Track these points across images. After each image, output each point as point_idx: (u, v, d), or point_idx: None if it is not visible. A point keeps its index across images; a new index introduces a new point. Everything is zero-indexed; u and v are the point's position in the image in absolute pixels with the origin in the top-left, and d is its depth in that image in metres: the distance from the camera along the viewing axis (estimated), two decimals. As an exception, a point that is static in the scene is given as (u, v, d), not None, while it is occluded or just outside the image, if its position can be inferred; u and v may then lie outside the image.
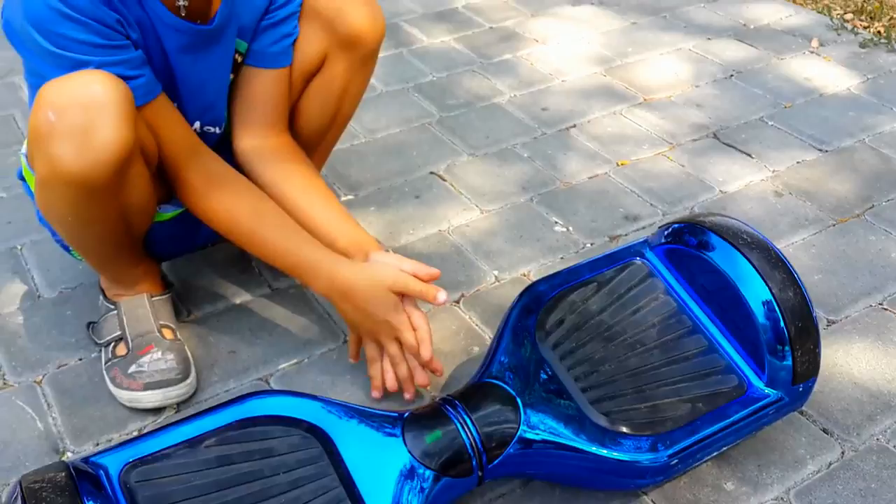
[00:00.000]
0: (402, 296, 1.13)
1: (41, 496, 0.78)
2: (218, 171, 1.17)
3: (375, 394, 1.19)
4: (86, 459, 0.87)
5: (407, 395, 1.17)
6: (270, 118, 1.25)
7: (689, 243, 1.11)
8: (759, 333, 1.03)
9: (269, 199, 1.18)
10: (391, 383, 1.16)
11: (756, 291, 1.03)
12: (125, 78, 1.01)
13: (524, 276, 1.44)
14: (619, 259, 1.14)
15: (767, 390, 1.04)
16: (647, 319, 1.09)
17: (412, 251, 1.48)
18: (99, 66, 0.99)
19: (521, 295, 1.10)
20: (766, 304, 1.03)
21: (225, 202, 1.15)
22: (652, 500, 1.07)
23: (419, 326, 1.13)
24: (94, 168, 0.98)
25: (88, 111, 0.96)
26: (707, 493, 1.08)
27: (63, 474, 0.81)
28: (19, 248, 1.49)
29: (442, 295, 1.10)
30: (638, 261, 1.14)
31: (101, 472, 0.86)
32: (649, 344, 1.06)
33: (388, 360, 1.16)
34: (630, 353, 1.05)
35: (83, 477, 0.82)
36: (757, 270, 1.03)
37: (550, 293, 1.10)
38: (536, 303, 1.09)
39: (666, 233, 1.15)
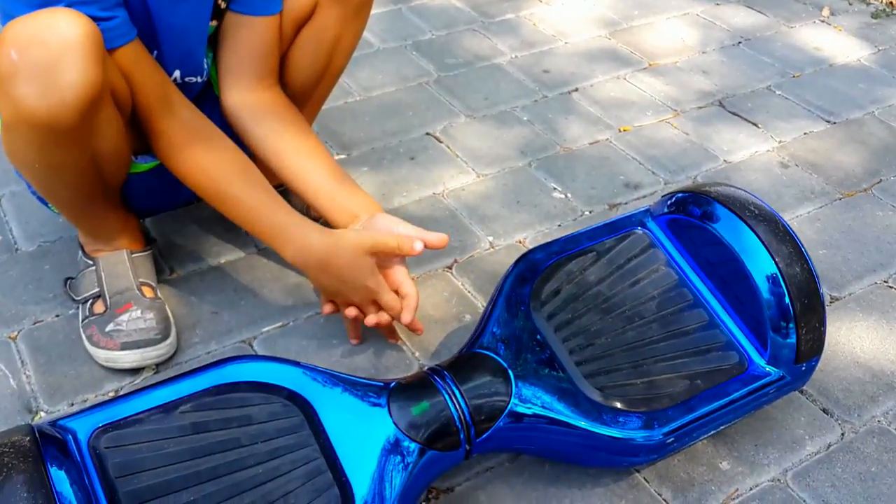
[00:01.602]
0: (385, 258, 1.10)
1: (2, 461, 0.73)
2: (193, 123, 1.11)
3: (353, 341, 1.17)
4: (53, 423, 0.83)
5: (391, 340, 1.15)
6: (260, 69, 1.19)
7: (692, 214, 1.06)
8: (763, 309, 0.99)
9: (246, 157, 1.13)
10: (370, 321, 1.13)
11: (761, 265, 0.98)
12: (96, 19, 0.95)
13: (520, 242, 1.39)
14: (619, 228, 1.10)
15: (769, 368, 1.00)
16: (646, 292, 1.04)
17: (405, 214, 1.43)
18: (69, 4, 0.93)
19: (517, 263, 1.06)
20: (772, 278, 0.98)
21: (198, 157, 1.09)
22: (644, 478, 1.04)
23: (408, 294, 1.10)
24: (59, 110, 0.93)
25: (52, 49, 0.90)
26: (702, 472, 1.04)
27: (27, 438, 0.77)
28: (-2, 198, 1.44)
29: (419, 244, 1.07)
30: (639, 230, 1.10)
31: (69, 436, 0.81)
32: (648, 317, 1.02)
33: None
34: (627, 327, 1.01)
35: (49, 441, 0.78)
36: (763, 243, 0.99)
37: (547, 261, 1.05)
38: (532, 271, 1.04)
39: (669, 202, 1.10)
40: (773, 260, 0.98)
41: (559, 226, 1.43)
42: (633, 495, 1.02)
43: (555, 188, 1.51)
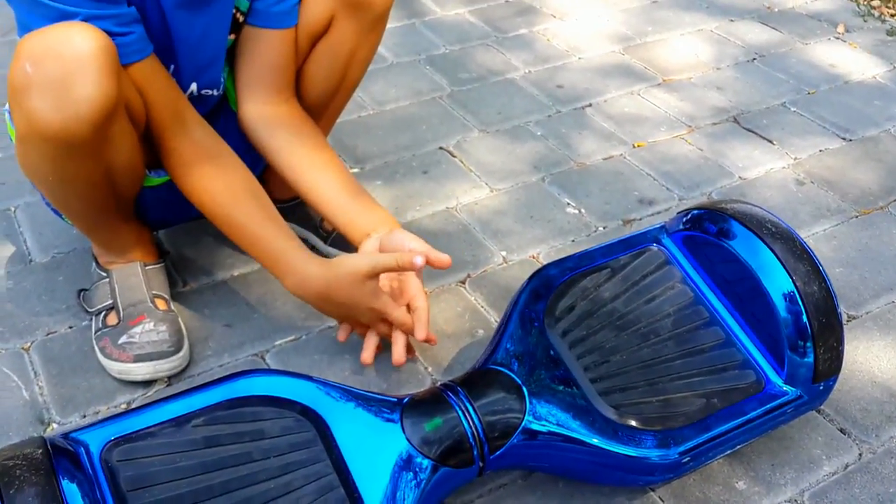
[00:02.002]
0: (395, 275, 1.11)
1: (14, 473, 0.73)
2: (204, 142, 1.11)
3: (364, 361, 1.14)
4: (66, 435, 0.82)
5: (395, 360, 1.12)
6: (276, 82, 1.19)
7: (708, 231, 1.05)
8: (780, 328, 0.98)
9: (254, 180, 1.13)
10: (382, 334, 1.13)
11: (779, 283, 0.98)
12: (112, 34, 0.95)
13: (533, 258, 1.39)
14: (634, 244, 1.09)
15: (786, 388, 0.99)
16: (661, 309, 1.03)
17: (418, 228, 1.43)
18: (86, 18, 0.93)
19: (531, 278, 1.05)
20: (789, 297, 0.97)
21: (205, 178, 1.10)
22: (660, 498, 1.02)
23: (419, 307, 1.10)
24: (72, 123, 0.93)
25: (67, 63, 0.91)
26: (717, 492, 1.03)
27: (40, 451, 0.76)
28: (12, 209, 1.45)
29: (418, 259, 1.06)
30: (654, 247, 1.09)
31: (82, 449, 0.81)
32: (663, 335, 1.01)
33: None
34: (643, 344, 1.00)
35: (61, 454, 0.77)
36: (780, 261, 0.98)
37: (561, 277, 1.05)
38: (546, 287, 1.03)
39: (685, 219, 1.09)
40: (791, 278, 0.97)
41: (573, 241, 1.42)
42: (647, 514, 1.01)
43: (568, 203, 1.50)
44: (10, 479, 0.73)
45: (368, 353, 1.15)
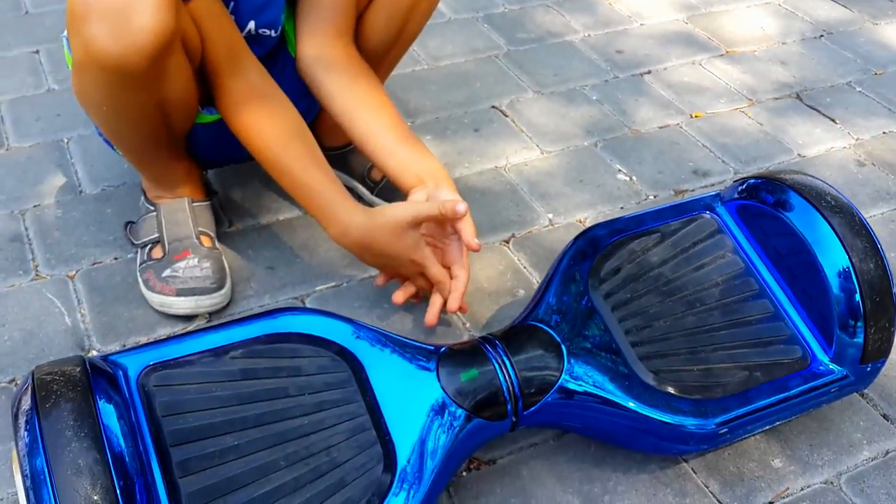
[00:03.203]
0: (441, 234, 1.10)
1: (52, 388, 0.74)
2: (258, 83, 1.10)
3: (395, 298, 1.14)
4: (105, 357, 0.83)
5: (428, 317, 1.12)
6: (337, 25, 1.17)
7: (765, 201, 1.02)
8: (832, 305, 0.95)
9: (304, 125, 1.12)
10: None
11: (834, 259, 0.95)
12: None
13: (580, 222, 1.37)
14: (687, 210, 1.06)
15: (832, 366, 0.97)
16: (710, 277, 1.01)
17: (466, 185, 1.42)
18: None
19: (578, 238, 1.03)
20: (844, 273, 0.94)
21: (255, 119, 1.09)
22: (692, 469, 1.01)
23: (458, 276, 1.10)
24: (129, 53, 0.93)
25: None
26: (752, 468, 1.01)
27: (78, 369, 0.77)
28: (65, 141, 1.46)
29: (461, 206, 1.05)
30: (707, 215, 1.06)
31: (120, 371, 0.82)
32: (710, 303, 0.99)
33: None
34: (688, 311, 0.98)
35: (99, 374, 0.78)
36: (838, 236, 0.95)
37: (609, 239, 1.03)
38: (593, 247, 1.02)
39: (741, 188, 1.06)
40: (847, 254, 0.94)
41: (622, 208, 1.40)
42: (678, 485, 0.99)
43: (620, 170, 1.48)
44: (48, 393, 0.74)
45: (401, 294, 1.14)
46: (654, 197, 1.42)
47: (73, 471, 0.69)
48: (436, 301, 1.12)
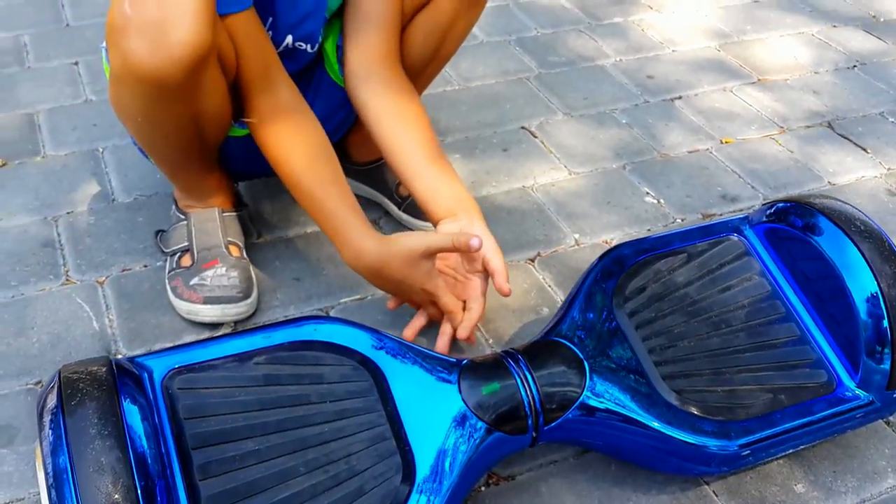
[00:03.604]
0: (469, 271, 1.12)
1: (78, 387, 0.75)
2: (287, 102, 1.12)
3: (406, 333, 1.15)
4: (131, 359, 0.84)
5: (439, 346, 1.13)
6: (384, 40, 1.18)
7: (794, 224, 1.02)
8: (859, 330, 0.94)
9: (329, 147, 1.13)
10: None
11: (863, 284, 0.94)
12: None
13: (606, 242, 1.36)
14: (714, 232, 1.06)
15: (858, 392, 0.95)
16: (736, 299, 1.01)
17: (493, 203, 1.42)
18: None
19: (604, 256, 1.03)
20: (872, 299, 0.94)
21: (283, 136, 1.10)
22: (714, 492, 1.00)
23: (472, 309, 1.11)
24: (166, 66, 0.94)
25: (165, 6, 0.92)
26: (774, 492, 1.00)
27: (104, 369, 0.78)
28: (100, 150, 1.49)
29: (475, 241, 1.05)
30: (735, 237, 1.06)
31: (145, 373, 0.83)
32: (735, 325, 0.98)
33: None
34: (713, 333, 0.98)
35: (125, 375, 0.79)
36: (867, 262, 0.94)
37: (635, 258, 1.03)
38: (619, 266, 1.02)
39: (769, 211, 1.06)
40: (876, 280, 0.94)
41: (648, 230, 1.39)
42: (700, 507, 0.98)
43: (648, 193, 1.48)
44: (73, 391, 0.75)
45: (411, 330, 1.15)
46: (682, 220, 1.42)
47: (96, 469, 0.70)
48: (446, 330, 1.12)
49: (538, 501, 0.97)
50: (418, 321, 1.15)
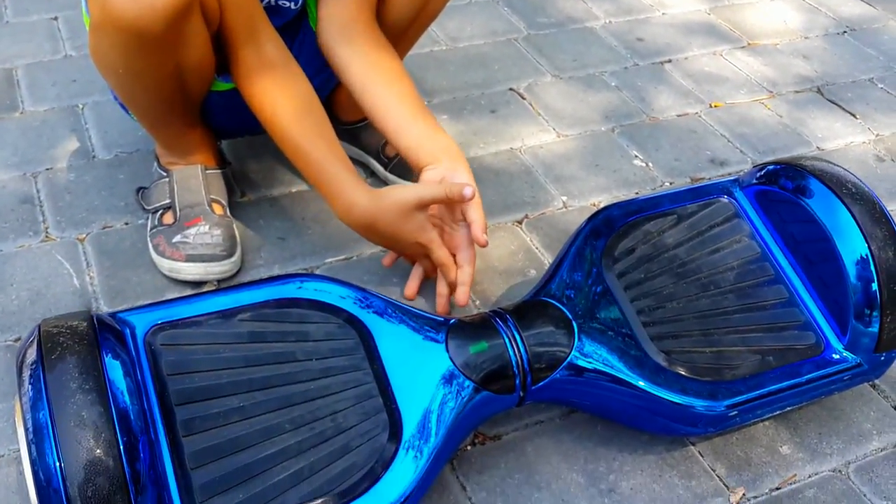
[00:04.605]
0: (450, 220, 1.10)
1: (58, 341, 0.73)
2: (273, 56, 1.09)
3: (408, 294, 1.15)
4: (113, 314, 0.83)
5: (438, 309, 1.12)
6: None
7: (784, 186, 1.01)
8: (848, 293, 0.94)
9: (317, 100, 1.10)
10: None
11: (853, 247, 0.93)
12: None
13: (594, 205, 1.35)
14: (704, 194, 1.05)
15: (846, 354, 0.95)
16: (725, 261, 1.00)
17: (480, 165, 1.41)
18: None
19: (593, 217, 1.02)
20: (862, 262, 0.93)
21: (270, 90, 1.08)
22: (699, 452, 1.00)
23: (462, 269, 1.09)
24: (147, 15, 0.92)
25: None
26: (760, 454, 1.00)
27: (85, 324, 0.76)
28: (80, 107, 1.46)
29: (468, 190, 1.03)
30: (725, 199, 1.05)
31: (127, 329, 0.81)
32: (724, 287, 0.98)
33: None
34: (701, 294, 0.97)
35: (106, 329, 0.77)
36: (858, 224, 0.94)
37: (625, 219, 1.02)
38: (608, 227, 1.01)
39: (760, 173, 1.05)
40: (867, 242, 0.93)
41: (637, 193, 1.38)
42: (685, 467, 0.98)
43: (636, 156, 1.47)
44: (54, 345, 0.73)
45: (412, 286, 1.14)
46: (670, 183, 1.41)
47: (77, 423, 0.68)
48: (443, 292, 1.11)
49: (524, 461, 0.97)
50: (416, 278, 1.15)
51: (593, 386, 0.91)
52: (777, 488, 0.97)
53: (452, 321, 0.91)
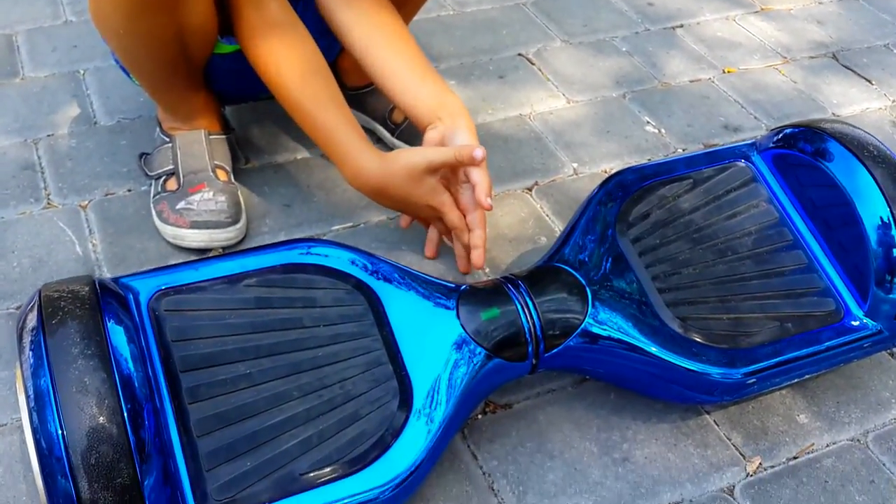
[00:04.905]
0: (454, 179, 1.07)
1: (59, 306, 0.71)
2: (278, 15, 1.06)
3: (428, 254, 1.14)
4: (116, 279, 0.80)
5: (460, 268, 1.11)
6: None
7: (804, 150, 0.98)
8: (869, 258, 0.91)
9: (323, 62, 1.07)
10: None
11: (874, 211, 0.91)
12: None
13: (605, 172, 1.33)
14: (721, 158, 1.03)
15: (866, 321, 0.93)
16: (742, 226, 0.97)
17: (489, 131, 1.38)
18: None
19: (606, 181, 1.00)
20: (883, 227, 0.91)
21: (275, 51, 1.05)
22: (714, 421, 0.98)
23: (475, 232, 1.06)
24: None
25: None
26: (776, 423, 0.98)
27: (87, 288, 0.74)
28: (82, 72, 1.43)
29: (479, 152, 1.00)
30: (742, 163, 1.02)
31: (130, 294, 0.79)
32: (742, 252, 0.95)
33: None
34: (718, 260, 0.95)
35: (109, 294, 0.75)
36: (880, 187, 0.91)
37: (639, 183, 0.99)
38: (622, 191, 0.98)
39: (778, 136, 1.02)
40: (889, 206, 0.90)
41: (649, 160, 1.35)
42: (700, 436, 0.96)
43: (648, 122, 1.44)
44: (55, 310, 0.71)
45: (431, 247, 1.13)
46: (683, 150, 1.38)
47: (79, 390, 0.66)
48: (461, 253, 1.10)
49: (535, 429, 0.95)
50: (434, 237, 1.13)
51: (607, 353, 0.89)
52: (794, 457, 0.95)
53: (463, 287, 0.89)
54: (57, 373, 0.67)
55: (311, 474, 0.74)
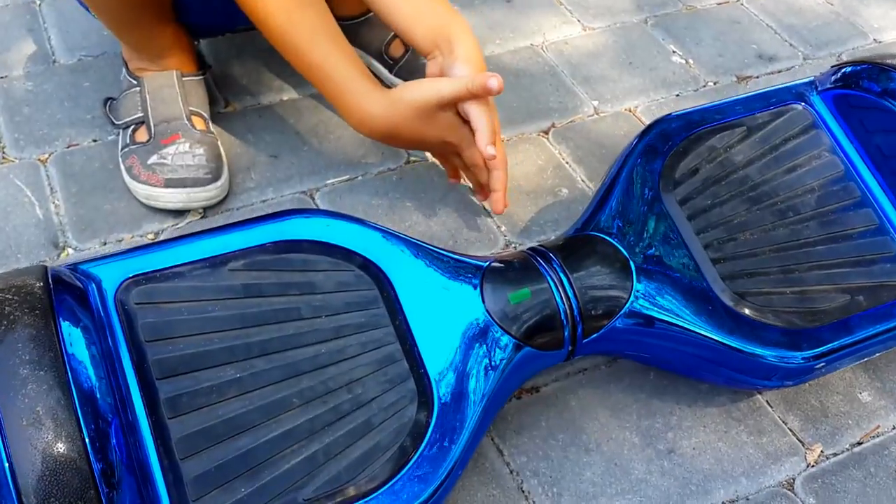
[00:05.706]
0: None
1: (2, 311, 0.58)
2: None
3: (451, 180, 1.03)
4: (74, 267, 0.67)
5: (483, 200, 1.01)
6: None
7: (870, 90, 0.85)
8: (952, 218, 0.79)
9: None
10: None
11: (961, 162, 0.78)
12: None
13: (629, 111, 1.19)
14: (776, 101, 0.89)
15: (948, 291, 0.81)
16: (804, 181, 0.85)
17: (497, 65, 1.23)
18: None
19: (646, 130, 0.86)
20: (970, 181, 0.78)
21: None
22: (768, 402, 0.87)
23: (495, 175, 0.93)
24: None
25: None
26: (836, 402, 0.87)
27: (38, 284, 0.61)
28: (37, 3, 1.26)
29: (493, 81, 0.85)
30: (800, 106, 0.89)
31: (92, 285, 0.66)
32: (805, 213, 0.83)
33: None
34: (778, 222, 0.82)
35: (64, 290, 0.62)
36: (968, 135, 0.78)
37: (684, 133, 0.86)
38: (665, 143, 0.85)
39: (838, 74, 0.89)
40: (977, 157, 0.78)
41: (677, 95, 1.22)
42: (753, 420, 0.85)
43: (674, 51, 1.29)
44: (-1, 316, 0.58)
45: (453, 173, 1.02)
46: (714, 83, 1.24)
47: (30, 422, 0.54)
48: (491, 191, 0.95)
49: (568, 418, 0.84)
50: (452, 167, 1.01)
51: (655, 336, 0.77)
52: (859, 443, 0.84)
53: (487, 263, 0.76)
54: (3, 402, 0.54)
55: (318, 502, 0.62)
